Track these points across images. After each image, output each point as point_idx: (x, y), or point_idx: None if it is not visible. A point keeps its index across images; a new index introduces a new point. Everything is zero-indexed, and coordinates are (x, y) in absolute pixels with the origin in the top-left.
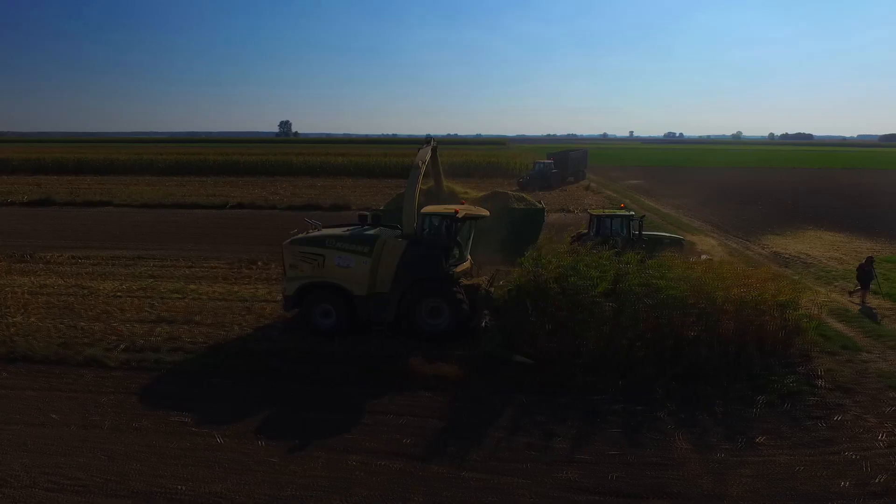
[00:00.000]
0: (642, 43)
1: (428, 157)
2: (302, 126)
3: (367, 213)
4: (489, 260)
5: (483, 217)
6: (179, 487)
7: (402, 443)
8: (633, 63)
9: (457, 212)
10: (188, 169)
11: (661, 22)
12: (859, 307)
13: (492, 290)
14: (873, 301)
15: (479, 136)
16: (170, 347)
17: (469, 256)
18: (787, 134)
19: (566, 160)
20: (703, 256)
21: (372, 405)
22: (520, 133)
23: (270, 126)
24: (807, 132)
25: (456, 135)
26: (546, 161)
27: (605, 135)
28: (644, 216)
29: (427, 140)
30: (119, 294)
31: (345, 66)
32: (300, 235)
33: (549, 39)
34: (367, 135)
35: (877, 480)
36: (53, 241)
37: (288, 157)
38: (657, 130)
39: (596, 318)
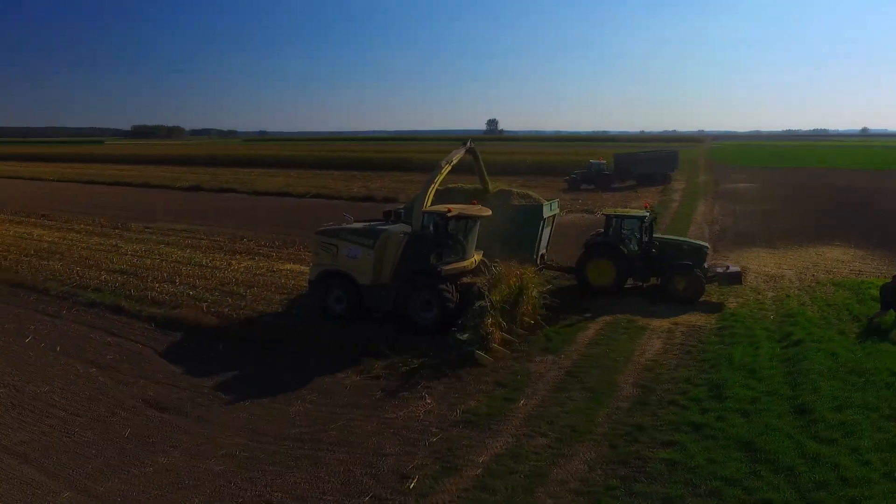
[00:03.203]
0: None
1: (456, 157)
2: (512, 124)
3: (391, 210)
4: (492, 257)
5: (482, 217)
6: None
7: (101, 362)
8: None
9: (449, 210)
10: (350, 164)
11: None
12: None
13: (486, 287)
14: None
15: (701, 131)
16: (93, 288)
17: (475, 255)
18: None
19: (632, 161)
20: (731, 267)
21: None
22: (753, 129)
23: (480, 124)
24: None
25: (675, 131)
26: (600, 161)
27: (864, 130)
28: (655, 217)
29: (463, 141)
30: (128, 253)
31: (555, 63)
32: (326, 227)
33: (797, 19)
34: (575, 132)
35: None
36: (154, 215)
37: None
38: None
39: None
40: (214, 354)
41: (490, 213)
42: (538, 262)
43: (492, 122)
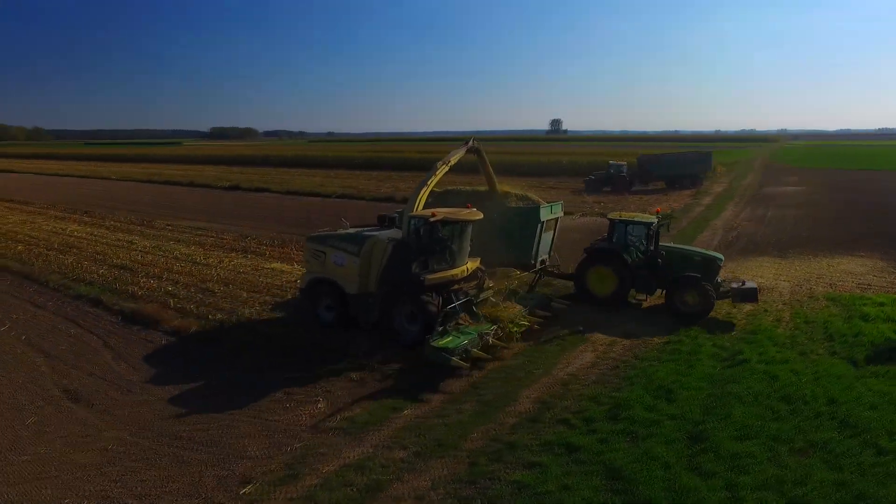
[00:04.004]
0: None
1: (455, 158)
2: (579, 124)
3: (386, 215)
4: (490, 262)
5: (472, 221)
6: None
7: (52, 352)
8: None
9: (433, 214)
10: (390, 165)
11: None
12: None
13: (472, 293)
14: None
15: (784, 130)
16: (87, 281)
17: (468, 262)
18: None
19: (656, 163)
20: (747, 283)
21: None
22: (843, 128)
23: (543, 124)
24: None
25: (753, 130)
26: (619, 163)
27: None
28: (665, 224)
29: (465, 140)
30: (137, 249)
31: (624, 61)
32: (316, 233)
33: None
34: (643, 132)
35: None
36: (183, 212)
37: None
38: None
39: None
40: (158, 349)
41: (481, 216)
42: (538, 266)
43: (555, 122)
